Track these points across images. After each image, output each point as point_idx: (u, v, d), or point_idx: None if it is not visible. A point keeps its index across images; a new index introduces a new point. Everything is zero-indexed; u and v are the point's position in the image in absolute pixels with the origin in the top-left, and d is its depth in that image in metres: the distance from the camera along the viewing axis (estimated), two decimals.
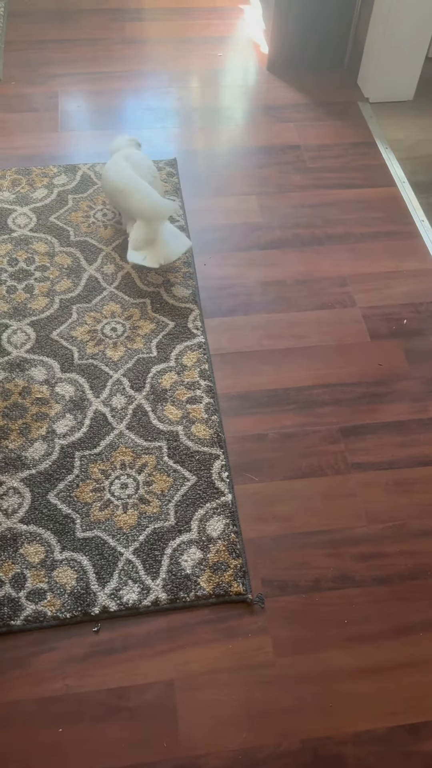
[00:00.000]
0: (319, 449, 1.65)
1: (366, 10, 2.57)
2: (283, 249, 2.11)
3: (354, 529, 1.52)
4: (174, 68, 2.76)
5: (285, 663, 1.34)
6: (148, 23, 3.01)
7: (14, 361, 1.77)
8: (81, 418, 1.67)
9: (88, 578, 1.41)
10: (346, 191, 2.29)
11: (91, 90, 2.63)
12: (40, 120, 2.47)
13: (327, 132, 2.51)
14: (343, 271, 2.05)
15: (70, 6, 3.06)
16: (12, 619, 1.36)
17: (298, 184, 2.30)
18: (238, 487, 1.58)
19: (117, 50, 2.83)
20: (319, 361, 1.84)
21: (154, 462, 1.60)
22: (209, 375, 1.77)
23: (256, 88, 2.72)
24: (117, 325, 1.87)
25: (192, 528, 1.50)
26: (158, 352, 1.81)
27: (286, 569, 1.45)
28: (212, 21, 3.03)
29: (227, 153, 2.41)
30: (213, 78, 2.75)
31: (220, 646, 1.35)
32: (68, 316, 1.88)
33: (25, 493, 1.53)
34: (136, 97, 2.62)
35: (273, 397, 1.75)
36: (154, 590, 1.40)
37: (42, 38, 2.86)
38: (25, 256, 2.01)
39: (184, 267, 2.02)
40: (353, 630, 1.38)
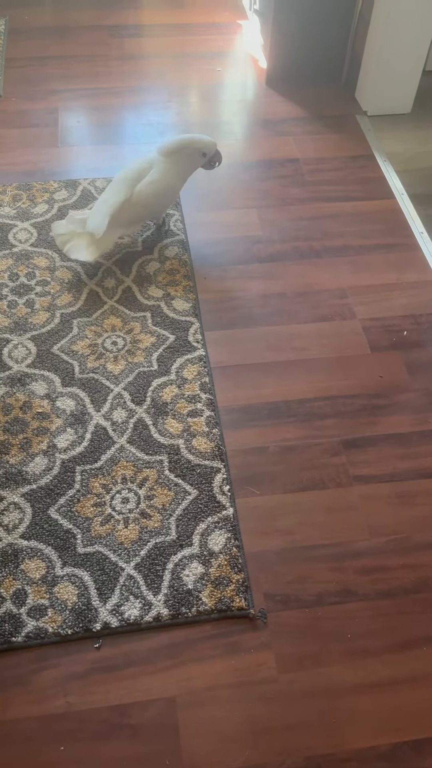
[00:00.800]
0: (321, 462, 1.65)
1: (363, 25, 2.59)
2: (282, 262, 2.12)
3: (356, 543, 1.51)
4: (173, 83, 2.79)
5: (288, 679, 1.33)
6: (147, 39, 3.04)
7: (15, 375, 1.77)
8: (82, 432, 1.67)
9: (90, 594, 1.41)
10: (345, 204, 2.30)
11: (90, 105, 2.65)
12: (41, 135, 2.49)
13: (325, 145, 2.52)
14: (343, 284, 2.06)
15: (70, 23, 3.09)
16: (13, 635, 1.35)
17: (297, 197, 2.31)
18: (239, 500, 1.57)
19: (116, 66, 2.86)
20: (320, 373, 1.84)
21: (155, 476, 1.60)
22: (210, 388, 1.77)
23: (255, 102, 2.74)
24: (118, 338, 1.87)
25: (194, 542, 1.49)
26: (159, 366, 1.82)
27: (288, 583, 1.45)
28: (211, 36, 3.06)
29: (227, 167, 2.42)
30: (212, 93, 2.77)
31: (223, 662, 1.34)
32: (69, 330, 1.88)
33: (26, 508, 1.53)
34: (136, 112, 2.64)
35: (274, 410, 1.75)
36: (156, 606, 1.40)
37: (42, 55, 2.89)
38: (26, 271, 2.02)
39: (185, 280, 2.03)
40: (356, 645, 1.37)
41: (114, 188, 1.96)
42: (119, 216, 1.94)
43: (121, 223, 1.97)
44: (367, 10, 2.55)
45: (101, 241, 1.93)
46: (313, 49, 2.72)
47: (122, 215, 1.95)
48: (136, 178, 1.96)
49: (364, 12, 2.58)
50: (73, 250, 1.94)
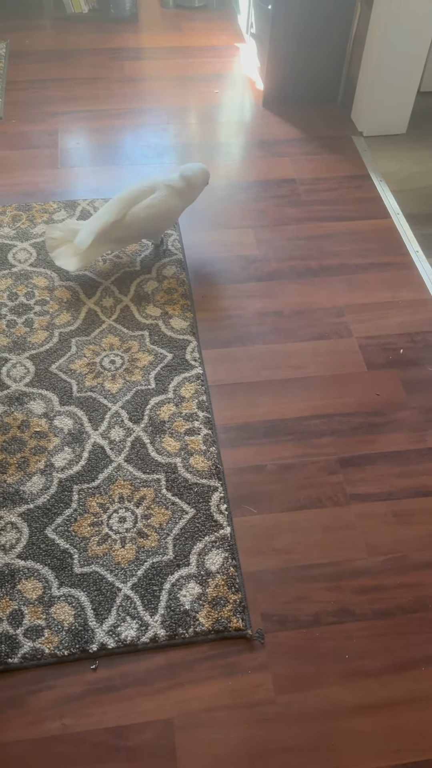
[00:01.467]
0: (318, 480, 1.65)
1: (358, 47, 2.64)
2: (279, 281, 2.13)
3: (354, 562, 1.51)
4: (172, 105, 2.83)
5: (285, 700, 1.32)
6: (146, 62, 3.09)
7: (13, 394, 1.78)
8: (79, 451, 1.67)
9: (86, 614, 1.40)
10: (341, 223, 2.32)
11: (90, 127, 2.68)
12: (41, 157, 2.52)
13: (321, 166, 2.55)
14: (339, 302, 2.07)
15: (71, 46, 3.14)
16: (9, 657, 1.34)
17: (293, 217, 2.34)
18: (236, 519, 1.57)
19: (116, 88, 2.90)
20: (317, 391, 1.84)
21: (153, 495, 1.60)
22: (207, 406, 1.78)
23: (252, 123, 2.78)
24: (116, 357, 1.88)
25: (191, 562, 1.49)
26: (156, 384, 1.82)
27: (285, 603, 1.44)
28: (209, 59, 3.10)
29: (224, 187, 2.45)
30: (210, 114, 2.81)
31: (220, 683, 1.33)
32: (67, 349, 1.89)
33: (23, 528, 1.53)
34: (135, 134, 2.68)
35: (271, 428, 1.75)
36: (153, 626, 1.39)
37: (43, 77, 2.93)
38: (25, 291, 2.04)
39: (182, 299, 2.04)
40: (354, 665, 1.37)
41: (109, 207, 1.99)
42: (108, 234, 1.97)
43: (110, 240, 2.00)
44: (361, 33, 2.60)
45: (85, 255, 1.97)
46: (309, 72, 2.76)
47: (112, 234, 1.98)
48: (132, 200, 1.99)
49: (358, 35, 2.63)
50: (59, 256, 1.99)
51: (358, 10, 2.59)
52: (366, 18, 2.53)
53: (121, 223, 1.97)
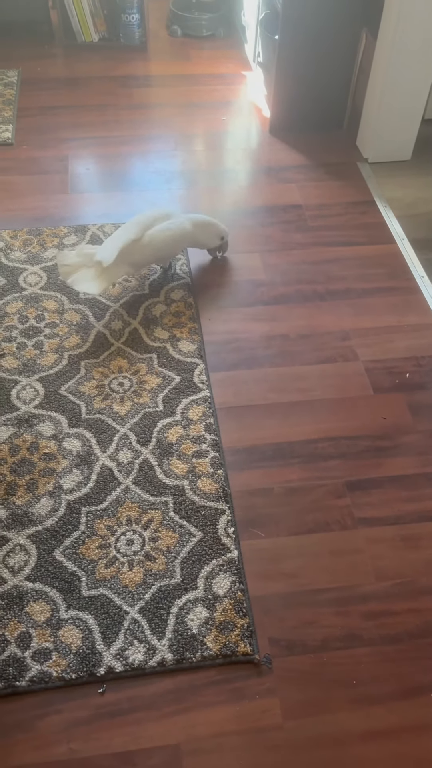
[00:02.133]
0: (325, 504, 1.65)
1: (363, 75, 2.69)
2: (286, 304, 2.16)
3: (362, 587, 1.51)
4: (180, 132, 2.88)
5: (293, 726, 1.31)
6: (155, 89, 3.15)
7: (23, 416, 1.79)
8: (88, 473, 1.68)
9: (94, 638, 1.40)
10: (346, 248, 2.35)
11: (100, 153, 2.73)
12: (51, 182, 2.57)
13: (327, 192, 2.59)
14: (345, 326, 2.09)
15: (81, 74, 3.21)
16: (17, 680, 1.34)
17: (299, 242, 2.37)
18: (244, 542, 1.58)
19: (125, 115, 2.96)
20: (323, 414, 1.86)
21: (160, 517, 1.60)
22: (215, 429, 1.79)
23: (259, 150, 2.83)
24: (124, 380, 1.90)
25: (198, 586, 1.49)
26: (164, 407, 1.84)
27: (293, 628, 1.44)
28: (216, 87, 3.16)
29: (231, 213, 2.49)
30: (217, 141, 2.86)
31: (228, 708, 1.33)
32: (76, 371, 1.91)
33: (31, 550, 1.53)
34: (143, 160, 2.73)
35: (278, 451, 1.76)
36: (160, 650, 1.39)
37: (53, 104, 2.99)
38: (36, 314, 2.06)
39: (190, 322, 2.07)
40: (362, 691, 1.36)
41: (126, 227, 2.03)
42: (128, 253, 1.99)
43: (129, 261, 2.02)
44: (366, 62, 2.65)
45: (107, 274, 1.96)
46: (315, 99, 2.82)
47: (131, 254, 2.00)
48: (149, 223, 2.04)
49: (363, 64, 2.68)
50: (79, 281, 1.96)
51: (363, 40, 2.65)
52: (371, 47, 2.59)
53: (139, 242, 2.01)
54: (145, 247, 2.02)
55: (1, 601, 1.45)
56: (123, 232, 2.02)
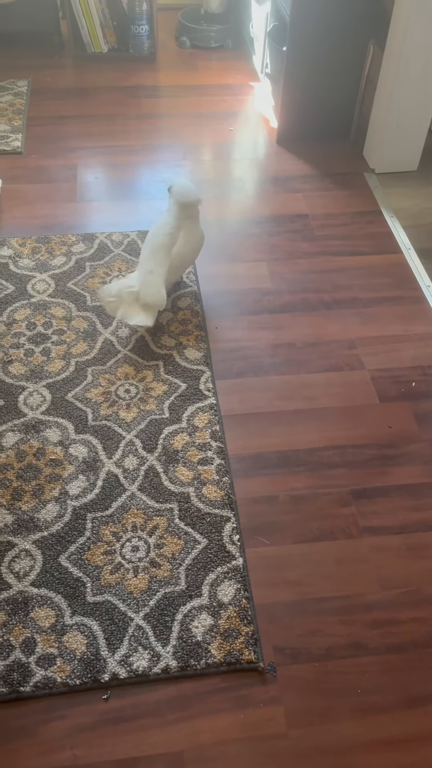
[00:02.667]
0: (331, 512, 1.65)
1: (370, 86, 2.71)
2: (292, 313, 2.17)
3: (366, 596, 1.51)
4: (187, 142, 2.90)
5: (297, 734, 1.31)
6: (163, 100, 3.18)
7: (30, 422, 1.80)
8: (93, 479, 1.69)
9: (98, 644, 1.40)
10: (352, 258, 2.36)
11: (108, 162, 2.76)
12: (60, 191, 2.59)
13: (334, 201, 2.60)
14: (352, 335, 2.10)
15: (90, 84, 3.24)
16: (21, 685, 1.34)
17: (306, 251, 2.38)
18: (249, 550, 1.58)
19: (134, 125, 2.99)
20: (329, 422, 1.86)
21: (166, 524, 1.61)
22: (220, 436, 1.80)
23: (266, 160, 2.84)
24: (130, 386, 1.91)
25: (203, 593, 1.49)
26: (170, 414, 1.85)
27: (298, 636, 1.44)
28: (224, 97, 3.19)
29: (238, 222, 2.50)
30: (224, 151, 2.88)
31: (232, 716, 1.33)
32: (83, 378, 1.92)
33: (36, 555, 1.54)
34: (151, 169, 2.75)
35: (283, 459, 1.77)
36: (165, 657, 1.39)
37: (62, 114, 3.02)
38: (43, 321, 2.08)
39: (196, 330, 2.08)
40: (367, 700, 1.36)
41: (155, 258, 1.99)
42: (167, 282, 2.01)
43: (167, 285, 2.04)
44: (374, 73, 2.67)
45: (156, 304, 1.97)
46: (323, 110, 2.84)
47: (168, 280, 2.02)
48: (170, 243, 2.01)
49: (371, 75, 2.70)
50: (129, 316, 1.94)
51: (371, 52, 2.67)
52: (378, 59, 2.61)
53: (172, 266, 2.02)
54: (176, 268, 2.06)
55: (7, 606, 1.45)
56: (155, 264, 1.97)
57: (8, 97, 3.08)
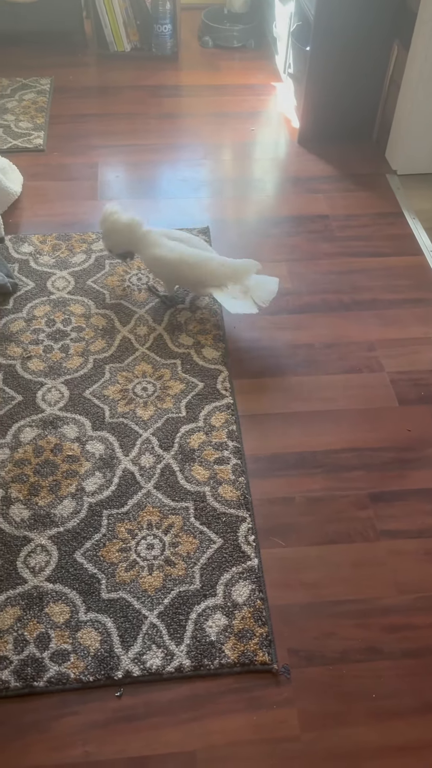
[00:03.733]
0: (348, 515, 1.64)
1: (394, 87, 2.69)
2: (311, 314, 2.15)
3: (383, 600, 1.49)
4: (208, 141, 2.90)
5: (310, 738, 1.30)
6: (185, 99, 3.18)
7: (47, 418, 1.81)
8: (110, 476, 1.69)
9: (112, 641, 1.40)
10: (373, 259, 2.34)
11: (129, 161, 2.76)
12: (80, 189, 2.60)
13: (355, 202, 2.59)
14: (371, 337, 2.08)
15: (112, 83, 3.25)
16: (35, 680, 1.35)
17: (326, 252, 2.37)
18: (264, 551, 1.57)
19: (155, 124, 2.99)
20: (347, 424, 1.84)
21: (181, 523, 1.60)
22: (237, 436, 1.79)
23: (287, 160, 2.83)
24: (148, 384, 1.91)
25: (217, 593, 1.48)
26: (187, 412, 1.84)
27: (313, 639, 1.43)
28: (246, 97, 3.18)
29: (258, 222, 2.50)
30: (245, 151, 2.88)
31: (244, 717, 1.32)
32: (101, 375, 1.92)
33: (52, 551, 1.54)
34: (172, 168, 2.75)
35: (300, 460, 1.76)
36: (178, 656, 1.39)
37: (84, 112, 3.04)
38: (62, 317, 2.08)
39: (215, 329, 2.07)
40: (382, 705, 1.34)
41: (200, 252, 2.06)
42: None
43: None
44: (397, 74, 2.65)
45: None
46: (345, 110, 2.82)
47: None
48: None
49: (395, 76, 2.68)
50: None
51: (395, 52, 2.65)
52: (402, 59, 2.59)
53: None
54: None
55: (22, 601, 1.46)
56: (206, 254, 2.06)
57: (31, 95, 3.10)
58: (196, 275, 2.03)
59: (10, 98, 3.07)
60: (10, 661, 1.37)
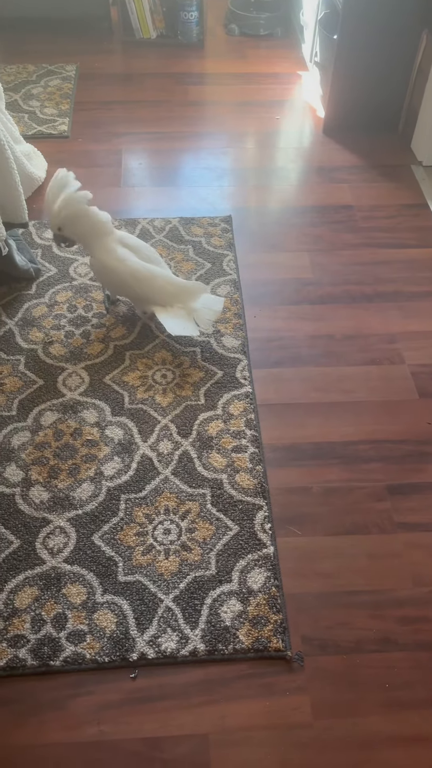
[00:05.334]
0: (365, 506, 1.64)
1: (422, 77, 2.65)
2: (332, 304, 2.14)
3: (398, 591, 1.49)
4: (232, 130, 2.89)
5: (323, 725, 1.30)
6: (209, 87, 3.17)
7: (68, 403, 1.82)
8: (128, 461, 1.70)
9: (128, 623, 1.42)
10: (397, 251, 2.32)
11: (153, 148, 2.76)
12: (104, 175, 2.60)
13: (380, 193, 2.56)
14: (393, 329, 2.07)
15: (137, 70, 3.25)
16: (51, 659, 1.37)
17: (349, 242, 2.35)
18: (280, 539, 1.57)
19: (179, 112, 2.98)
20: (366, 416, 1.84)
21: (198, 509, 1.61)
22: (255, 425, 1.79)
23: (311, 150, 2.81)
24: (167, 372, 1.92)
25: (233, 579, 1.49)
26: (206, 400, 1.85)
27: (327, 628, 1.43)
28: (271, 86, 3.16)
29: (281, 211, 2.48)
30: (270, 140, 2.86)
31: (257, 702, 1.33)
32: (121, 361, 1.93)
33: (71, 533, 1.56)
34: (195, 156, 2.74)
35: (318, 450, 1.75)
36: (193, 640, 1.40)
37: (109, 99, 3.04)
38: (84, 304, 2.09)
39: (235, 318, 2.07)
40: (395, 695, 1.34)
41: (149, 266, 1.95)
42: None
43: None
44: (426, 63, 2.61)
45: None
46: (371, 100, 2.79)
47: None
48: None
49: (423, 65, 2.65)
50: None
51: (424, 41, 2.61)
52: (431, 49, 2.55)
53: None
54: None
55: (40, 581, 1.48)
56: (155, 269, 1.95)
57: (56, 81, 3.10)
58: (142, 290, 1.91)
59: (35, 84, 3.08)
60: (27, 640, 1.39)
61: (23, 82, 3.09)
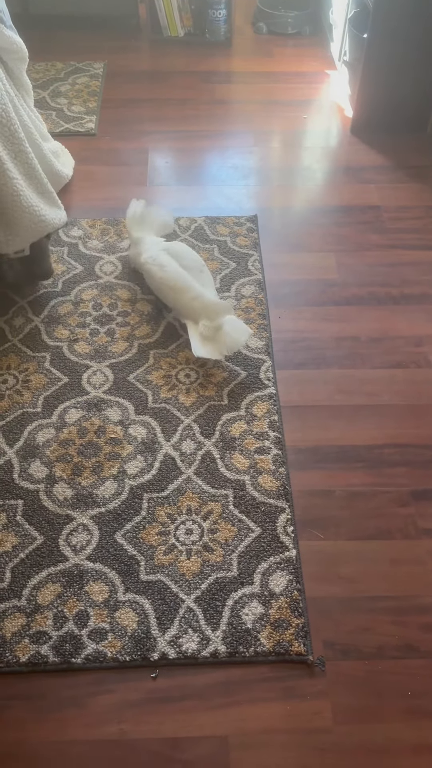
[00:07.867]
0: (388, 511, 1.62)
1: None
2: (358, 306, 2.13)
3: (421, 598, 1.47)
4: (259, 129, 2.87)
5: (343, 731, 1.30)
6: (236, 86, 3.16)
7: (92, 401, 1.83)
8: (151, 460, 1.70)
9: (149, 623, 1.42)
10: (425, 252, 2.29)
11: (179, 147, 2.76)
12: (130, 174, 2.61)
13: (407, 194, 2.53)
14: (419, 332, 2.04)
15: (164, 68, 3.25)
16: (73, 656, 1.37)
17: (376, 243, 2.33)
18: (302, 543, 1.56)
19: (205, 110, 2.98)
20: (391, 420, 1.82)
21: (220, 510, 1.61)
22: (278, 426, 1.79)
23: (338, 149, 2.79)
24: (191, 371, 1.91)
25: (254, 581, 1.49)
26: (229, 401, 1.84)
27: (349, 633, 1.42)
28: (299, 85, 3.14)
29: (307, 211, 2.47)
30: (296, 139, 2.84)
31: (278, 706, 1.32)
32: (145, 360, 1.94)
33: (93, 530, 1.57)
34: (222, 155, 2.73)
35: (342, 454, 1.74)
36: (214, 641, 1.40)
37: (136, 97, 3.04)
38: (109, 302, 2.10)
39: (259, 319, 2.06)
40: (416, 703, 1.33)
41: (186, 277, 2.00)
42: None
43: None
44: None
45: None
46: (400, 100, 2.76)
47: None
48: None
49: None
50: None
51: None
52: None
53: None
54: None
55: (62, 578, 1.49)
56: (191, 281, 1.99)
57: (84, 78, 3.11)
58: (175, 301, 1.98)
59: (63, 82, 3.09)
60: (49, 637, 1.40)
61: (51, 79, 3.10)
